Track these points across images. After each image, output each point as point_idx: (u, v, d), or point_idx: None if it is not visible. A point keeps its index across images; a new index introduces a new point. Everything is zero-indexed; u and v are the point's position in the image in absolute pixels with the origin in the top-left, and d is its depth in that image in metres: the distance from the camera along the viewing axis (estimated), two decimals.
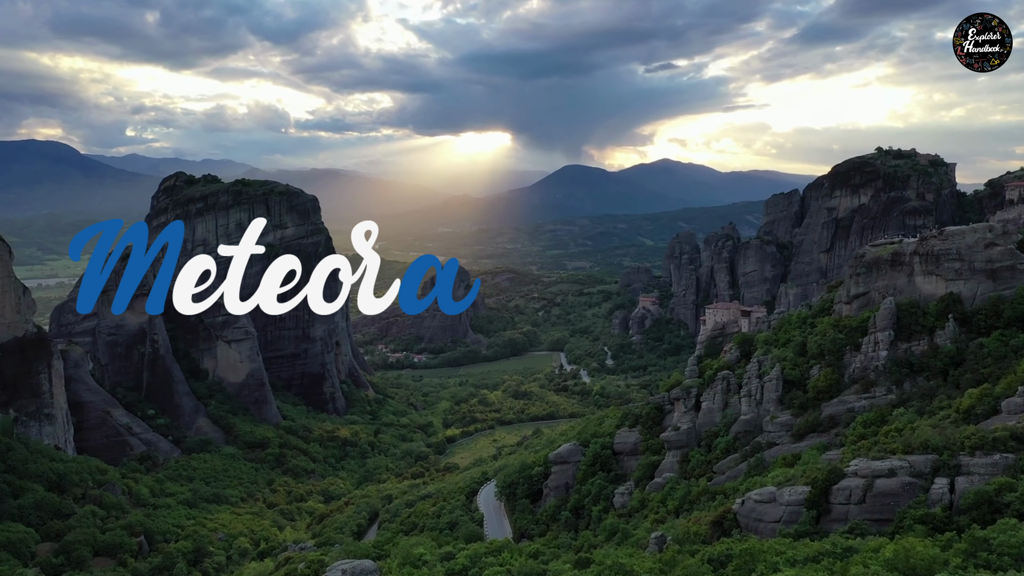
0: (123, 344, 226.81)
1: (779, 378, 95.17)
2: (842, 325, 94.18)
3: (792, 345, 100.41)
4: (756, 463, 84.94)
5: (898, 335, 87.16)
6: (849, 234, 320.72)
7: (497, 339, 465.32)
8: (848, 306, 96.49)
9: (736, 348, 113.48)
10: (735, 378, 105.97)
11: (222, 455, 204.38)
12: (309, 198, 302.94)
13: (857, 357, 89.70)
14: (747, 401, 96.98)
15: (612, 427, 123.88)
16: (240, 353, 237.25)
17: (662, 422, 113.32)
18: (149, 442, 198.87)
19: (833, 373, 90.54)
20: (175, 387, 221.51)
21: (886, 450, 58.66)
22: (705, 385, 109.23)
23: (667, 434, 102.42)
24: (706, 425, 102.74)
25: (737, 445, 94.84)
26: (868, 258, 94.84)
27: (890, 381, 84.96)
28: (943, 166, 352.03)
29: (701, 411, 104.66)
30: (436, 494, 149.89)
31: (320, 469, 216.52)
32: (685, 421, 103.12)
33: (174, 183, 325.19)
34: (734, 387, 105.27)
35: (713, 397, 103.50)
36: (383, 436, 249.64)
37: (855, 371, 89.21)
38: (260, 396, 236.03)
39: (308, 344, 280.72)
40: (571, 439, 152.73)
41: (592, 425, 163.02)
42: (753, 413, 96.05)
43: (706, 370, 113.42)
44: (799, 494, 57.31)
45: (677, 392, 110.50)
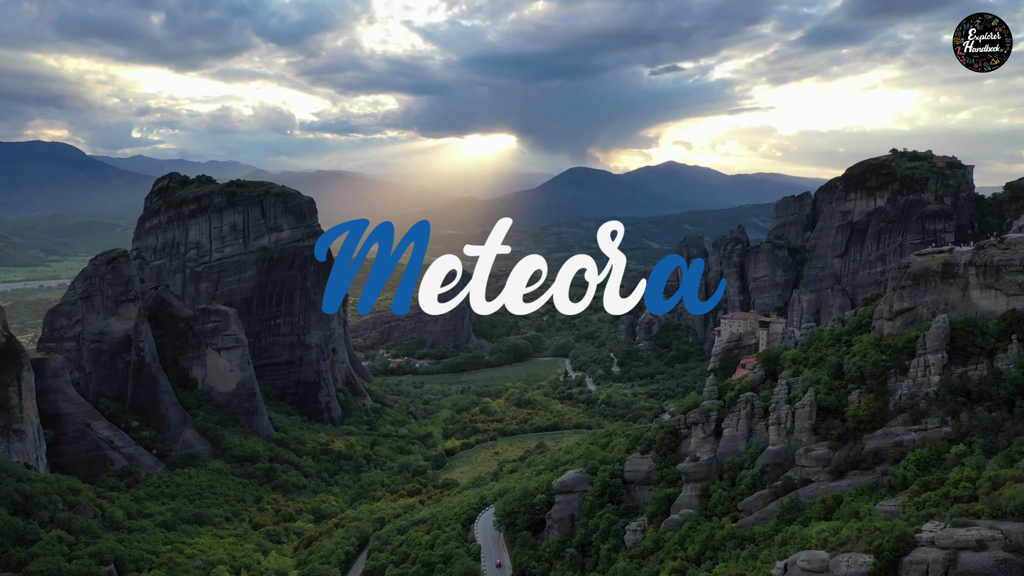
0: (107, 352, 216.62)
1: (812, 404, 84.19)
2: (885, 345, 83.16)
3: (826, 366, 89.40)
4: (790, 505, 73.99)
5: (952, 358, 76.25)
6: (865, 238, 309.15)
7: (500, 344, 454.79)
8: (891, 323, 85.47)
9: (760, 367, 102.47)
10: (760, 401, 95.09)
11: (208, 470, 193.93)
12: (305, 200, 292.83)
13: (904, 382, 78.73)
14: (776, 429, 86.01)
15: (621, 451, 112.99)
16: (230, 361, 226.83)
17: (677, 448, 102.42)
18: (131, 456, 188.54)
19: (876, 400, 79.54)
20: (161, 397, 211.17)
21: (968, 512, 47.65)
22: (726, 408, 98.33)
23: (685, 465, 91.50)
24: (728, 455, 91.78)
25: (765, 480, 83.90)
26: (914, 269, 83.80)
27: (944, 411, 74.05)
28: (961, 168, 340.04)
29: (723, 438, 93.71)
30: (431, 519, 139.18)
31: (312, 485, 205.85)
32: (705, 450, 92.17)
33: (168, 184, 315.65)
34: (759, 411, 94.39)
35: (736, 423, 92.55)
36: (380, 448, 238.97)
37: (902, 398, 78.22)
38: (251, 406, 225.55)
39: (303, 351, 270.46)
40: (576, 461, 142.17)
41: (599, 444, 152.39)
42: (783, 443, 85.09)
43: (727, 391, 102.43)
44: (860, 566, 46.36)
45: (694, 415, 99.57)
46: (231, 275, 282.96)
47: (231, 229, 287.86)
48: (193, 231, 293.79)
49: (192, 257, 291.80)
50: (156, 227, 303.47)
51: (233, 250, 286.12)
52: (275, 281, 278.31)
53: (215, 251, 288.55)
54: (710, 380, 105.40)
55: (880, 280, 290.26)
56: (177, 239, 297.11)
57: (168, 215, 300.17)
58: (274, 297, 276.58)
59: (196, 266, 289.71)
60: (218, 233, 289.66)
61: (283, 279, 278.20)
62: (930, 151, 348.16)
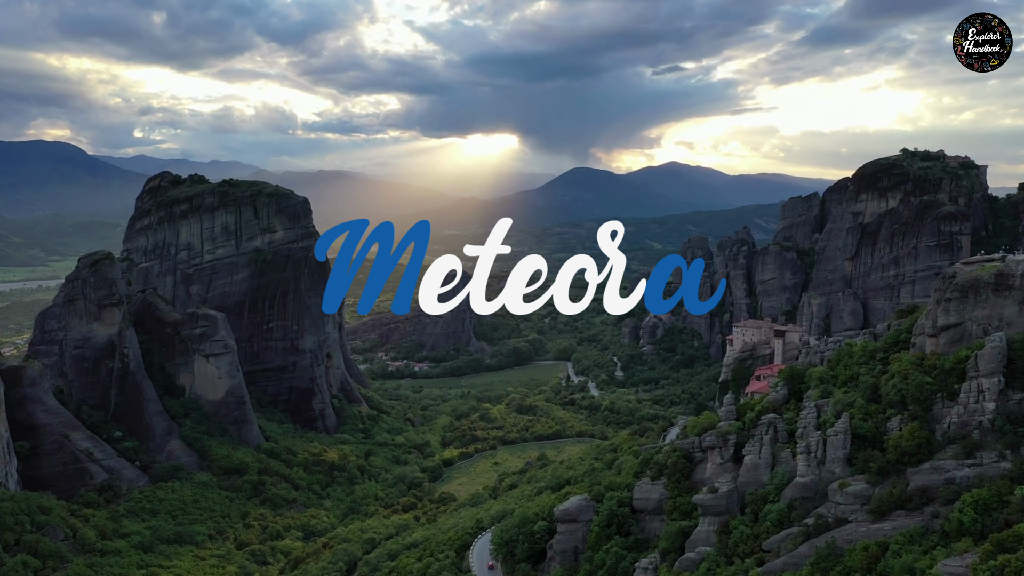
0: (90, 358, 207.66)
1: (846, 432, 74.87)
2: (929, 365, 73.81)
3: (860, 387, 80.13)
4: (827, 551, 64.63)
5: (1009, 382, 66.94)
6: (876, 240, 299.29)
7: (501, 347, 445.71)
8: (934, 339, 76.15)
9: (783, 385, 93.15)
10: (784, 425, 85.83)
11: (193, 483, 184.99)
12: (299, 200, 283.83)
13: (953, 409, 69.39)
14: (805, 459, 76.68)
15: (629, 475, 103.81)
16: (218, 368, 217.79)
17: (691, 474, 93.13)
18: (112, 469, 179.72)
19: (921, 429, 70.20)
20: (145, 406, 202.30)
21: None
22: (746, 431, 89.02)
23: (702, 497, 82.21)
24: (750, 485, 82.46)
25: (794, 516, 74.57)
26: (961, 279, 74.50)
27: (1002, 444, 64.76)
28: (974, 168, 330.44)
29: (743, 466, 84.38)
30: (423, 544, 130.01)
31: (302, 498, 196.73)
32: (724, 480, 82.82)
33: (159, 183, 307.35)
34: (782, 436, 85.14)
35: (758, 449, 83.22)
36: (375, 459, 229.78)
37: (951, 427, 68.88)
38: (240, 415, 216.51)
39: (297, 356, 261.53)
40: (580, 480, 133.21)
41: (604, 460, 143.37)
42: (813, 475, 75.79)
43: (746, 411, 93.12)
44: None
45: (711, 439, 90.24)
46: (223, 277, 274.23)
47: (223, 230, 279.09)
48: (184, 232, 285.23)
49: (183, 259, 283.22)
50: (147, 228, 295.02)
51: (225, 251, 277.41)
52: (268, 284, 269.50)
53: (207, 252, 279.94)
54: (727, 399, 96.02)
55: (893, 284, 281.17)
56: (168, 240, 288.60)
57: (159, 215, 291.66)
58: (267, 300, 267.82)
59: (187, 268, 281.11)
60: (210, 234, 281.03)
61: (276, 282, 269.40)
62: (942, 151, 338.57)
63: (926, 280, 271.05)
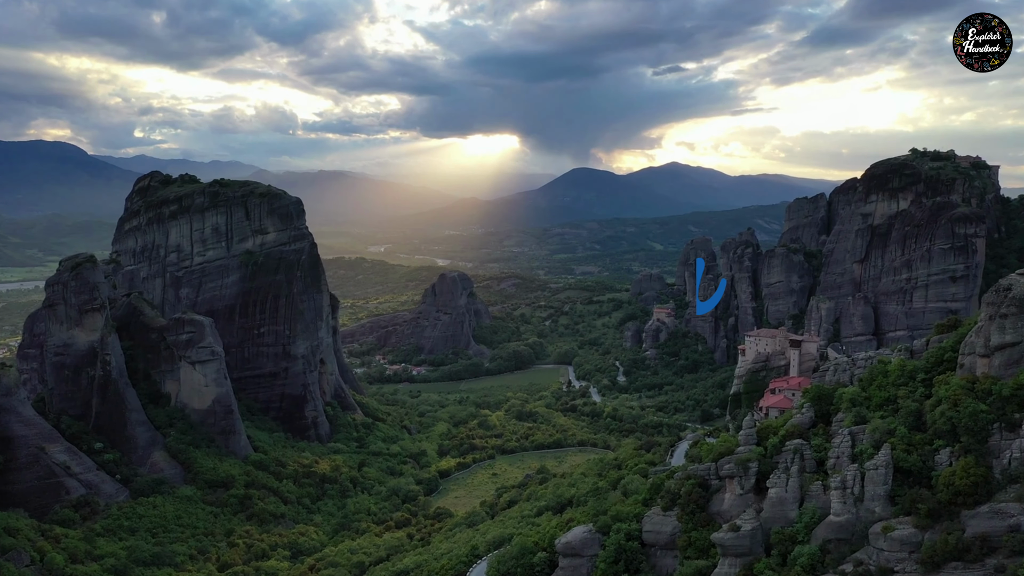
0: (71, 366, 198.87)
1: (888, 465, 66.04)
2: (983, 390, 64.96)
3: (900, 413, 71.31)
4: None
5: None
6: (887, 243, 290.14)
7: (501, 351, 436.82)
8: (986, 360, 67.25)
9: (809, 406, 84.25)
10: (811, 452, 77.00)
11: (176, 498, 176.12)
12: (292, 200, 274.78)
13: (1015, 443, 60.60)
14: (840, 495, 67.79)
15: (638, 503, 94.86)
16: (205, 376, 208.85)
17: (708, 505, 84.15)
18: (90, 484, 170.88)
19: (976, 465, 61.37)
20: (128, 416, 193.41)
21: None
22: (768, 458, 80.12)
23: (722, 536, 73.29)
24: (776, 521, 73.59)
25: (828, 561, 65.80)
26: (1018, 293, 65.59)
27: None
28: (986, 169, 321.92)
29: (768, 500, 75.46)
30: (415, 571, 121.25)
31: (291, 513, 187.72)
32: (747, 517, 73.85)
33: (148, 183, 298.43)
34: (810, 465, 76.36)
35: (785, 481, 74.31)
36: (368, 469, 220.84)
37: (1012, 464, 60.07)
38: (227, 425, 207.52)
39: (288, 362, 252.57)
40: (583, 503, 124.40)
41: (608, 478, 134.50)
42: (850, 514, 66.92)
43: (768, 435, 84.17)
44: None
45: (730, 467, 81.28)
46: (213, 280, 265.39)
47: (213, 231, 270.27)
48: (174, 233, 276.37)
49: (173, 261, 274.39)
50: (135, 229, 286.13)
51: (215, 254, 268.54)
52: (259, 287, 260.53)
53: (196, 255, 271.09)
54: (747, 421, 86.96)
55: (906, 288, 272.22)
56: (157, 242, 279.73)
57: (148, 216, 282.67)
58: (258, 304, 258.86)
59: (177, 271, 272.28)
60: (200, 236, 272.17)
61: (268, 285, 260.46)
62: (952, 151, 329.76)
63: (940, 284, 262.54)
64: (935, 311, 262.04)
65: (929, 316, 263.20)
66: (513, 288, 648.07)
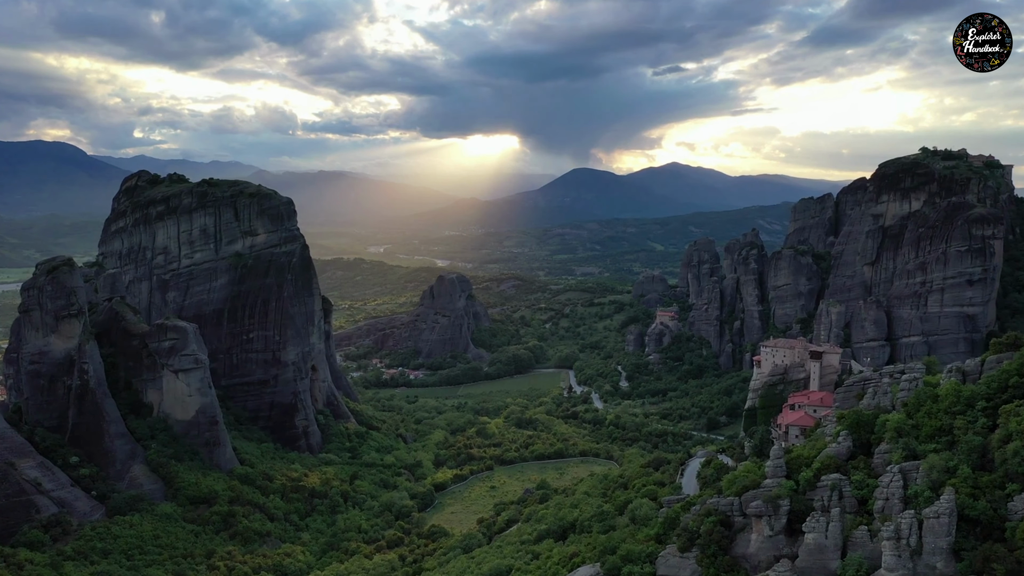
0: (46, 375, 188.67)
1: (951, 513, 56.11)
2: None
3: (960, 448, 61.38)
4: None
5: None
6: (900, 244, 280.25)
7: (500, 355, 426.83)
8: None
9: (846, 434, 74.26)
10: (851, 489, 67.12)
11: (155, 516, 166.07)
12: (283, 200, 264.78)
13: None
14: (893, 547, 57.83)
15: (649, 538, 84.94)
16: (189, 385, 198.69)
17: (732, 546, 74.22)
18: (62, 502, 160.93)
19: None
20: (106, 427, 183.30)
21: None
22: (801, 494, 70.20)
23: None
24: (815, 572, 63.64)
25: None
26: None
27: None
28: (999, 168, 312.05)
29: (804, 546, 65.43)
30: None
31: (278, 531, 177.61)
32: (782, 569, 63.79)
33: (136, 183, 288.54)
34: (850, 504, 66.49)
35: (824, 526, 64.29)
36: (361, 483, 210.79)
37: None
38: (212, 437, 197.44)
39: (278, 369, 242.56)
40: (587, 525, 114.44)
41: (614, 501, 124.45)
42: (905, 570, 56.95)
43: (800, 467, 74.19)
44: None
45: (757, 504, 71.26)
46: (201, 284, 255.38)
47: (201, 233, 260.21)
48: (161, 235, 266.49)
49: (160, 264, 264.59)
50: (122, 230, 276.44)
51: (203, 256, 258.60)
52: (248, 291, 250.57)
53: (184, 257, 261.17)
54: (775, 451, 76.91)
55: (920, 292, 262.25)
56: (144, 244, 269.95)
57: (134, 217, 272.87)
58: (247, 309, 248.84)
59: (164, 274, 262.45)
60: (187, 237, 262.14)
61: (257, 289, 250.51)
62: (964, 149, 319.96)
63: (957, 288, 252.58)
64: (951, 316, 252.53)
65: (945, 321, 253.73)
66: (513, 290, 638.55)
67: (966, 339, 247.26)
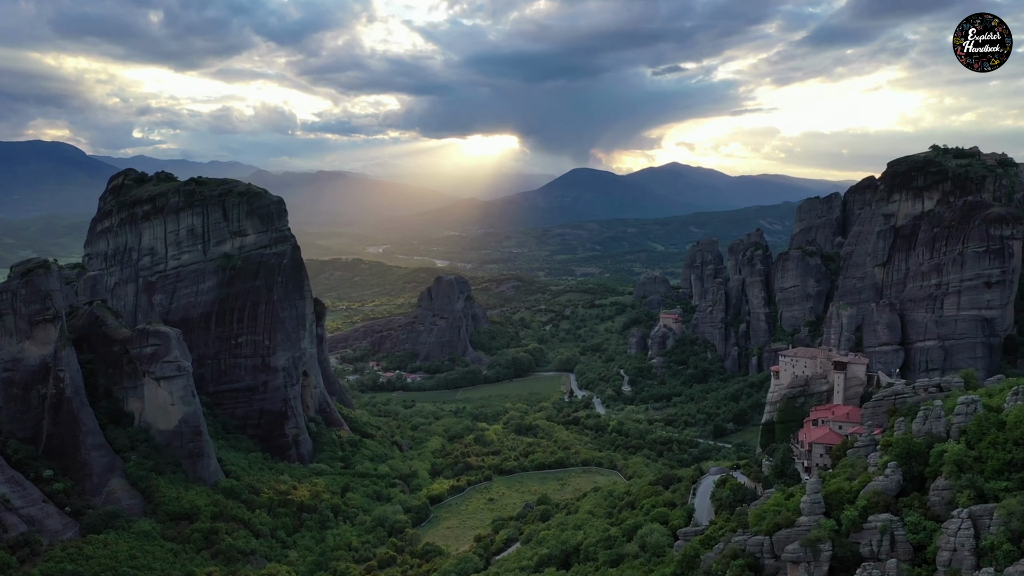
0: (20, 383, 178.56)
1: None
2: None
3: None
4: None
5: None
6: (913, 245, 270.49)
7: (500, 358, 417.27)
8: None
9: (895, 466, 64.58)
10: (906, 533, 57.50)
11: (132, 533, 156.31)
12: (273, 200, 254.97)
13: None
14: None
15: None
16: (171, 393, 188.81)
17: None
18: (32, 519, 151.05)
19: None
20: (83, 439, 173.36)
21: None
22: (844, 536, 60.61)
23: None
24: None
25: None
26: None
27: None
28: (1013, 166, 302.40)
29: None
30: None
31: (263, 548, 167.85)
32: None
33: (122, 181, 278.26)
34: (904, 548, 56.90)
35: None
36: (352, 495, 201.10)
37: None
38: (195, 448, 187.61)
39: (268, 375, 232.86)
40: (592, 551, 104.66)
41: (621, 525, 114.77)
42: None
43: (841, 503, 64.54)
44: None
45: (794, 548, 61.67)
46: (188, 286, 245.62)
47: (189, 233, 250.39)
48: (147, 235, 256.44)
49: (146, 265, 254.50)
50: (107, 230, 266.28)
51: (191, 257, 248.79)
52: (237, 293, 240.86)
53: (171, 258, 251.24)
54: (812, 484, 67.18)
55: (935, 294, 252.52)
56: (130, 244, 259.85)
57: (120, 217, 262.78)
58: (236, 312, 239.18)
59: (150, 276, 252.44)
60: (174, 238, 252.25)
61: (247, 291, 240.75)
62: (976, 147, 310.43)
63: (974, 290, 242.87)
64: (968, 319, 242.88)
65: (962, 325, 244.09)
66: (512, 290, 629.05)
67: (984, 344, 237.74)
